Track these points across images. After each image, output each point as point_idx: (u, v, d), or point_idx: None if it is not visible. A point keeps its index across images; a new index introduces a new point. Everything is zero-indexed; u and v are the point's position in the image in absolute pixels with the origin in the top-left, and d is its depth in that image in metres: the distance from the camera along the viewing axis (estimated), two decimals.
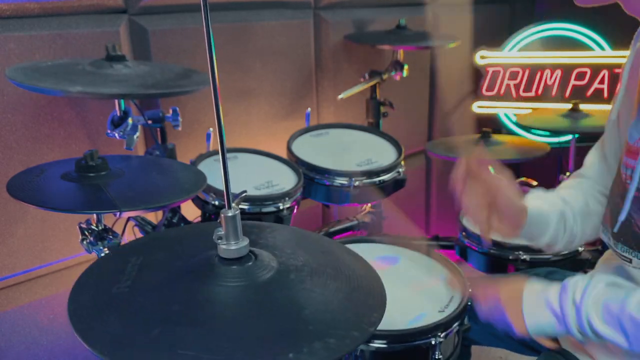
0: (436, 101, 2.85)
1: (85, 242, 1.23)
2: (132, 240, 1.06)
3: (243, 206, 1.49)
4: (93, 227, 1.22)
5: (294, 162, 1.76)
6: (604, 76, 2.67)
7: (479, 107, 2.89)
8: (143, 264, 0.87)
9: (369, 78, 2.14)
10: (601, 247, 1.96)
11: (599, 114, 2.19)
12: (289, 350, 0.68)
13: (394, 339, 1.09)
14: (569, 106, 2.22)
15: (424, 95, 2.81)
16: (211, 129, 1.78)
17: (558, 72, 2.74)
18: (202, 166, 1.63)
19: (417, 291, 1.26)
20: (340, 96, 2.01)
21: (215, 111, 0.77)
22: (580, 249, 1.70)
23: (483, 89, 2.87)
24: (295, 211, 1.61)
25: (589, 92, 2.70)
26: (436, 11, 2.67)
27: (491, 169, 1.12)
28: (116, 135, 1.44)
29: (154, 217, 1.86)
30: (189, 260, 0.86)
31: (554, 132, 2.62)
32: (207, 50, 0.75)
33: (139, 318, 0.74)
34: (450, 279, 1.31)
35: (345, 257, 0.94)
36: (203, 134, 1.80)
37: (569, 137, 2.33)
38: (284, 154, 1.81)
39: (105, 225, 1.24)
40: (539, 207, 1.16)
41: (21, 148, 1.59)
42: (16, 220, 1.61)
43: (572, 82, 2.73)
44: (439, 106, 2.87)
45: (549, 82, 2.77)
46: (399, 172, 1.82)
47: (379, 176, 1.76)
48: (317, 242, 1.01)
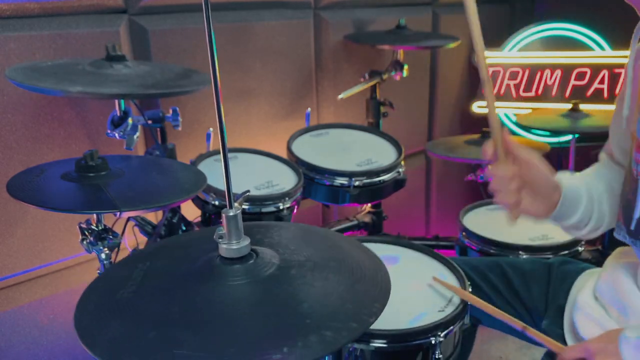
0: (436, 101, 2.85)
1: (85, 242, 1.23)
2: (142, 248, 1.06)
3: (243, 206, 1.48)
4: (93, 227, 1.23)
5: (294, 162, 1.76)
6: (604, 76, 2.67)
7: (479, 107, 2.89)
8: (148, 269, 0.88)
9: (369, 78, 2.14)
10: (601, 247, 1.97)
11: (599, 114, 2.19)
12: (283, 345, 0.68)
13: (394, 338, 1.09)
14: (569, 106, 2.22)
15: (424, 95, 2.81)
16: (211, 129, 1.78)
17: (558, 72, 2.74)
18: (202, 166, 1.63)
19: (417, 291, 1.26)
20: (340, 96, 2.01)
21: (217, 111, 0.77)
22: (580, 248, 1.70)
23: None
24: (295, 211, 1.61)
25: (589, 92, 2.70)
26: (436, 11, 2.67)
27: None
28: (116, 135, 1.44)
29: (154, 217, 1.86)
30: (191, 263, 0.86)
31: (554, 132, 2.62)
32: (209, 50, 0.75)
33: (139, 322, 0.75)
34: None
35: (352, 250, 0.94)
36: (203, 134, 1.80)
37: (569, 137, 2.33)
38: (284, 154, 1.81)
39: (105, 225, 1.24)
40: (571, 183, 1.11)
41: (21, 148, 1.59)
42: (16, 220, 1.61)
43: (572, 82, 2.73)
44: (439, 106, 2.87)
45: (549, 82, 2.77)
46: (399, 172, 1.82)
47: (379, 176, 1.76)
48: (325, 237, 1.01)
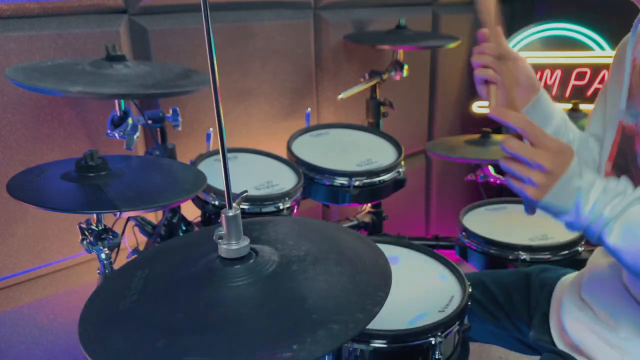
0: (436, 101, 2.85)
1: (85, 242, 1.23)
2: (139, 254, 1.05)
3: (243, 206, 1.48)
4: (93, 227, 1.22)
5: (294, 162, 1.76)
6: (603, 76, 2.67)
7: (479, 107, 2.89)
8: (148, 276, 0.87)
9: (369, 78, 2.14)
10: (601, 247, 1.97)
11: None
12: (292, 343, 0.68)
13: (394, 339, 1.09)
14: (569, 106, 2.22)
15: (424, 95, 2.81)
16: (211, 129, 1.78)
17: (558, 72, 2.74)
18: (202, 166, 1.63)
19: (417, 291, 1.26)
20: (340, 96, 2.01)
21: (216, 111, 0.77)
22: (580, 249, 1.70)
23: None
24: (295, 211, 1.61)
25: (589, 92, 2.70)
26: (436, 11, 2.67)
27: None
28: (116, 135, 1.44)
29: (154, 217, 1.86)
30: (191, 266, 0.86)
31: None
32: (208, 51, 0.75)
33: (144, 332, 0.74)
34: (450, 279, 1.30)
35: (348, 240, 0.94)
36: (203, 134, 1.80)
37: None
38: (284, 154, 1.81)
39: (105, 225, 1.24)
40: (550, 101, 1.22)
41: (21, 148, 1.59)
42: (16, 220, 1.61)
43: (572, 82, 2.73)
44: (439, 106, 2.87)
45: (549, 82, 2.77)
46: (399, 172, 1.82)
47: (379, 176, 1.76)
48: (319, 229, 1.00)
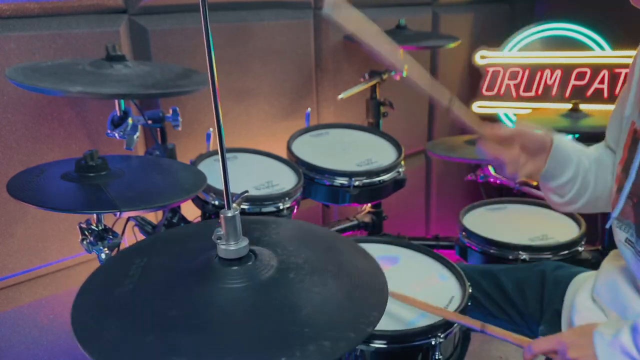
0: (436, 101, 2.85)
1: (85, 242, 1.23)
2: (139, 240, 1.05)
3: (243, 206, 1.48)
4: (93, 227, 1.22)
5: (294, 162, 1.76)
6: (604, 76, 2.67)
7: (479, 107, 2.89)
8: (146, 265, 0.87)
9: (369, 78, 2.14)
10: (601, 248, 1.97)
11: (599, 114, 2.19)
12: (282, 354, 0.67)
13: (394, 339, 1.09)
14: (569, 106, 2.22)
15: (424, 96, 2.80)
16: (211, 129, 1.78)
17: (558, 72, 2.74)
18: (202, 166, 1.63)
19: (417, 291, 1.26)
20: (340, 96, 2.01)
21: (215, 111, 0.77)
22: (580, 249, 1.70)
23: (483, 89, 2.87)
24: (295, 211, 1.61)
25: (589, 92, 2.69)
26: (436, 11, 2.67)
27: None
28: (116, 135, 1.44)
29: (154, 217, 1.86)
30: (190, 261, 0.86)
31: None
32: (206, 51, 0.75)
33: (135, 323, 0.74)
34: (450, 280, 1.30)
35: (349, 253, 0.93)
36: (203, 134, 1.80)
37: (569, 137, 2.33)
38: (284, 154, 1.81)
39: (105, 225, 1.24)
40: (563, 144, 1.24)
41: (21, 148, 1.59)
42: (16, 220, 1.61)
43: (572, 82, 2.73)
44: (439, 106, 2.86)
45: (549, 82, 2.77)
46: (399, 172, 1.82)
47: (379, 176, 1.76)
48: (323, 238, 0.99)
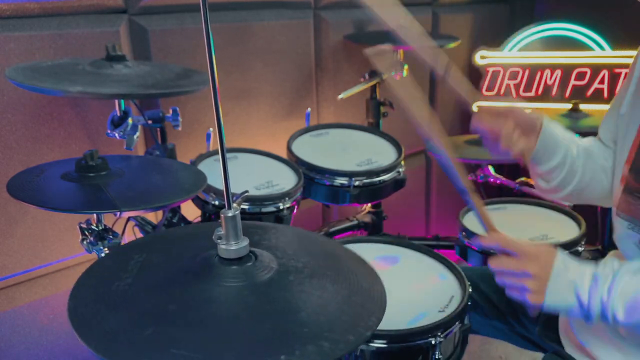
0: (436, 101, 2.85)
1: (85, 242, 1.23)
2: (138, 238, 1.06)
3: (243, 206, 1.48)
4: (93, 227, 1.23)
5: (294, 162, 1.76)
6: (604, 76, 2.66)
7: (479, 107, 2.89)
8: (145, 261, 0.87)
9: (369, 78, 2.14)
10: (601, 247, 1.97)
11: (599, 114, 2.19)
12: (281, 352, 0.67)
13: (394, 339, 1.09)
14: (569, 106, 2.22)
15: (423, 96, 2.80)
16: (211, 129, 1.78)
17: (558, 72, 2.74)
18: (202, 166, 1.63)
19: (417, 291, 1.26)
20: (340, 96, 2.01)
21: (215, 111, 0.77)
22: (580, 249, 1.70)
23: (483, 89, 2.86)
24: (295, 211, 1.61)
25: (589, 92, 2.69)
26: (436, 11, 2.67)
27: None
28: (116, 135, 1.44)
29: (154, 217, 1.86)
30: (189, 259, 0.86)
31: None
32: (207, 51, 0.75)
33: (135, 316, 0.74)
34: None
35: (348, 260, 0.94)
36: (203, 134, 1.80)
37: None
38: (284, 154, 1.81)
39: (105, 225, 1.24)
40: (550, 124, 1.23)
41: (21, 148, 1.59)
42: (16, 220, 1.61)
43: (572, 82, 2.72)
44: (439, 106, 2.86)
45: (549, 82, 2.76)
46: (399, 172, 1.82)
47: (379, 176, 1.76)
48: (321, 244, 1.01)
